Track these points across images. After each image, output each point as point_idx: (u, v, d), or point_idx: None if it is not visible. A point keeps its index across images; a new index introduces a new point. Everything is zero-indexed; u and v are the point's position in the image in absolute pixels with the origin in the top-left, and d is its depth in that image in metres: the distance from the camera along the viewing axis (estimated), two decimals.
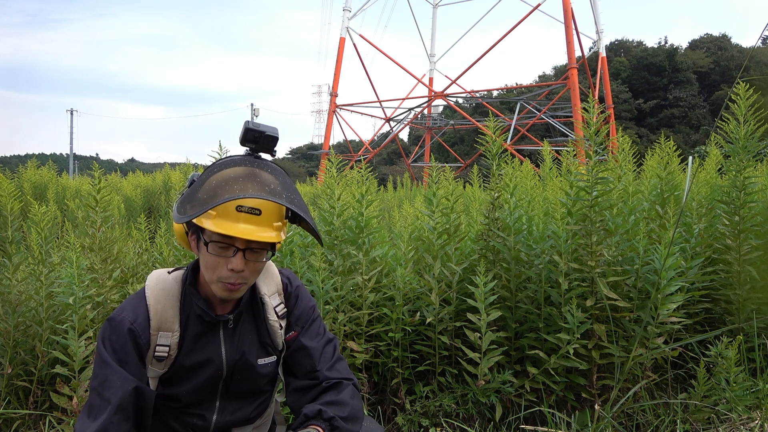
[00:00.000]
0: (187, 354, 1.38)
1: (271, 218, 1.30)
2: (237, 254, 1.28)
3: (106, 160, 75.24)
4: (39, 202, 3.35)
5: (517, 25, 22.67)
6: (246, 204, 1.25)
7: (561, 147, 4.76)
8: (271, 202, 1.28)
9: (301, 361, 1.49)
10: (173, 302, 1.39)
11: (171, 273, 1.44)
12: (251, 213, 1.25)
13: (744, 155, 3.03)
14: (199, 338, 1.39)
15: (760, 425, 2.32)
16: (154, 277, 1.42)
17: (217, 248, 1.29)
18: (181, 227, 1.41)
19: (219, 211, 1.25)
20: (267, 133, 1.33)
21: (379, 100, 27.05)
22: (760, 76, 8.81)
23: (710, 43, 44.57)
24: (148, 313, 1.35)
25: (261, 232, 1.26)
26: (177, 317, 1.38)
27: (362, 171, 3.11)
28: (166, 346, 1.35)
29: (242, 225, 1.25)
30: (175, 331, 1.37)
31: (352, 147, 30.06)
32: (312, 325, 1.54)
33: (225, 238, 1.27)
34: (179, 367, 1.38)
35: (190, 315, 1.40)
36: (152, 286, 1.39)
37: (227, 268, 1.29)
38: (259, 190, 1.25)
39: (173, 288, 1.40)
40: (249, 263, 1.31)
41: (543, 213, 3.06)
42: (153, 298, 1.37)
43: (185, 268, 1.45)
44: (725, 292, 3.05)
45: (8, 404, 2.59)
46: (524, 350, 2.72)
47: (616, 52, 43.63)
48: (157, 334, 1.35)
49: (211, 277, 1.32)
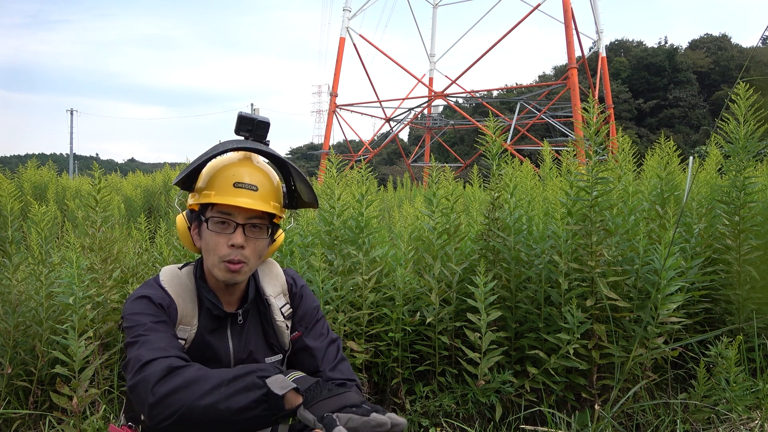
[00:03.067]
0: (197, 349, 1.39)
1: (268, 196, 1.38)
2: (237, 229, 1.33)
3: (106, 160, 75.29)
4: (39, 202, 3.35)
5: (517, 25, 22.66)
6: (244, 181, 1.33)
7: (561, 147, 4.76)
8: (266, 181, 1.38)
9: (305, 361, 1.50)
10: (191, 296, 1.41)
11: (182, 269, 1.45)
12: (249, 189, 1.34)
13: (744, 155, 3.03)
14: (209, 334, 1.40)
15: (760, 425, 2.32)
16: (168, 273, 1.43)
17: (217, 225, 1.33)
18: (183, 225, 1.43)
19: (218, 189, 1.33)
20: (259, 120, 1.40)
21: (379, 100, 27.03)
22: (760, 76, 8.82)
23: (710, 43, 44.56)
24: (177, 307, 1.36)
25: (258, 205, 1.33)
26: (196, 312, 1.40)
27: (362, 171, 3.11)
28: (183, 339, 1.36)
29: (241, 198, 1.32)
30: (194, 326, 1.39)
31: (352, 147, 30.05)
32: (316, 325, 1.54)
33: (224, 214, 1.33)
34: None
35: (203, 309, 1.41)
36: (169, 281, 1.40)
37: (228, 245, 1.32)
38: (251, 165, 1.39)
39: (188, 283, 1.42)
40: (249, 241, 1.35)
41: (543, 213, 3.06)
42: (174, 292, 1.38)
43: (194, 264, 1.46)
44: (725, 292, 3.05)
45: (8, 404, 2.59)
46: (524, 350, 2.71)
47: (616, 52, 43.62)
48: (178, 328, 1.36)
49: (213, 259, 1.34)
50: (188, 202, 1.44)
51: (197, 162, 1.32)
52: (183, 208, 1.50)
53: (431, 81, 31.72)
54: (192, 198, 1.41)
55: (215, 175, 1.36)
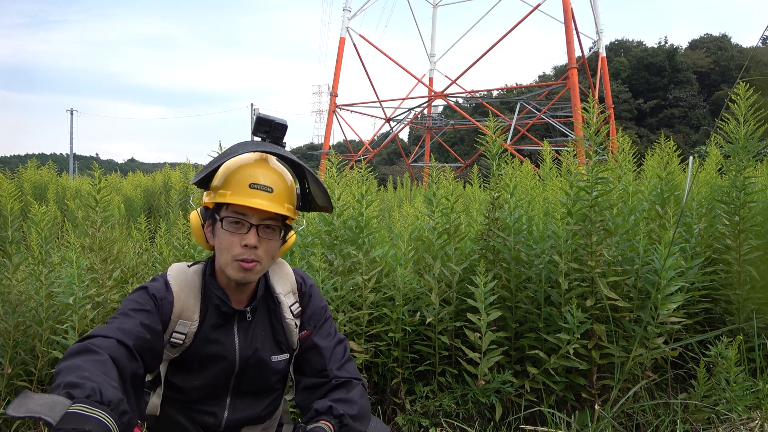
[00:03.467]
0: (201, 345, 1.40)
1: (282, 198, 1.40)
2: (251, 230, 1.35)
3: (106, 160, 75.36)
4: (39, 202, 3.36)
5: (517, 25, 22.66)
6: (259, 182, 1.36)
7: (561, 147, 4.76)
8: (281, 183, 1.40)
9: (312, 359, 1.51)
10: (195, 293, 1.42)
11: (191, 267, 1.47)
12: (264, 190, 1.36)
13: (744, 155, 3.03)
14: (214, 330, 1.42)
15: (760, 425, 2.32)
16: (175, 268, 1.45)
17: (231, 225, 1.35)
18: (197, 222, 1.45)
19: (233, 189, 1.35)
20: (277, 122, 1.42)
21: (379, 100, 27.04)
22: (760, 76, 8.82)
23: (710, 43, 44.56)
24: (173, 299, 1.38)
25: (273, 207, 1.35)
26: (198, 307, 1.41)
27: (362, 171, 3.11)
28: (183, 334, 1.38)
29: (256, 199, 1.34)
30: (195, 321, 1.40)
31: (352, 147, 30.05)
32: (324, 324, 1.56)
33: (238, 214, 1.35)
34: (192, 354, 1.40)
35: (209, 306, 1.42)
36: (175, 275, 1.42)
37: (241, 245, 1.34)
38: (266, 166, 1.41)
39: (195, 280, 1.44)
40: (263, 241, 1.37)
41: (543, 213, 3.06)
42: (176, 286, 1.40)
43: (204, 262, 1.49)
44: (725, 292, 3.05)
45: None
46: (524, 350, 2.71)
47: (616, 52, 43.62)
48: (177, 321, 1.38)
49: (226, 258, 1.36)
50: (203, 200, 1.45)
51: (216, 163, 1.34)
52: (197, 205, 1.52)
53: (431, 81, 31.72)
54: (207, 196, 1.43)
55: (231, 174, 1.37)
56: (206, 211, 1.44)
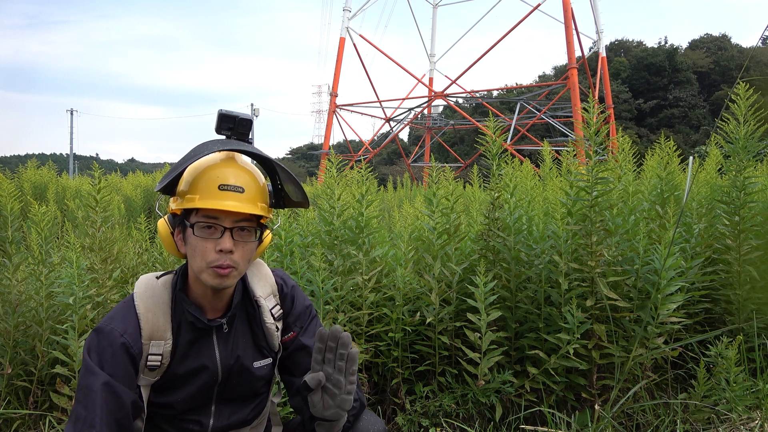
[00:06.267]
0: (180, 361, 1.35)
1: (255, 197, 1.32)
2: (225, 234, 1.27)
3: (106, 160, 75.37)
4: (39, 202, 3.36)
5: (517, 25, 22.69)
6: (229, 182, 1.28)
7: (561, 147, 4.76)
8: (252, 182, 1.33)
9: (302, 360, 1.49)
10: (164, 309, 1.35)
11: (160, 278, 1.39)
12: (235, 191, 1.28)
13: (744, 155, 3.03)
14: (192, 345, 1.36)
15: (760, 425, 2.32)
16: (142, 283, 1.38)
17: (203, 230, 1.27)
18: (166, 230, 1.37)
19: (202, 192, 1.27)
20: (241, 117, 1.34)
21: (379, 100, 27.05)
22: (760, 76, 8.82)
23: (710, 43, 44.59)
24: (139, 322, 1.30)
25: (246, 207, 1.28)
26: (169, 325, 1.34)
27: (362, 171, 3.11)
28: (159, 355, 1.31)
29: (227, 201, 1.26)
30: (168, 339, 1.33)
31: (352, 147, 30.06)
32: (310, 324, 1.54)
33: (210, 218, 1.27)
34: (172, 374, 1.35)
35: (182, 322, 1.36)
36: (141, 293, 1.35)
37: (216, 250, 1.27)
38: (236, 165, 1.33)
39: (163, 294, 1.36)
40: (238, 244, 1.30)
41: (543, 213, 3.06)
42: (143, 306, 1.33)
43: (174, 273, 1.41)
44: (725, 292, 3.05)
45: (8, 404, 2.59)
46: (524, 350, 2.71)
47: (616, 52, 43.64)
48: (149, 343, 1.31)
49: (200, 264, 1.28)
50: (170, 207, 1.37)
51: (181, 167, 1.27)
52: (164, 212, 1.43)
53: (431, 81, 31.74)
54: (174, 202, 1.34)
55: (198, 177, 1.29)
56: (174, 218, 1.35)
